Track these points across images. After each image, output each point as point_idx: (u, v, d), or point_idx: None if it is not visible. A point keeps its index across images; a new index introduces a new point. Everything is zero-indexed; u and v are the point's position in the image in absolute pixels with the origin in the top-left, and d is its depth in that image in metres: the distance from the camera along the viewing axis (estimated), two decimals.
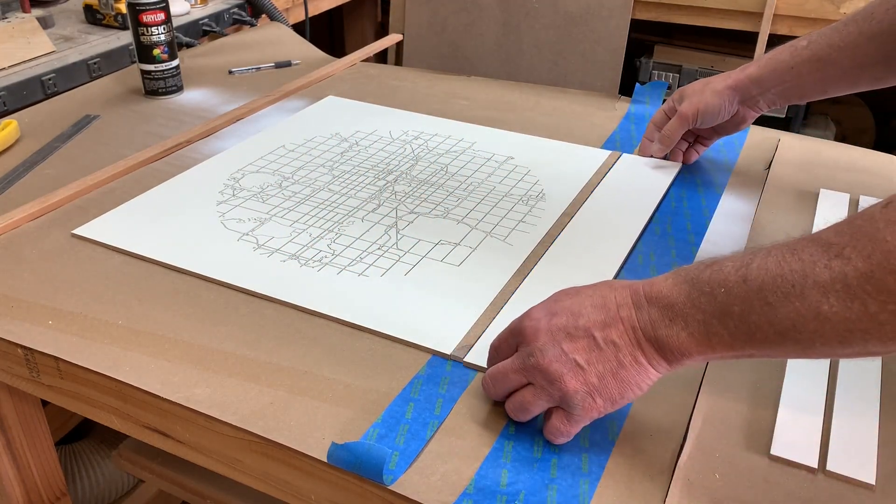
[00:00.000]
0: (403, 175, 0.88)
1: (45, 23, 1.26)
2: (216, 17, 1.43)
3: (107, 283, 0.69)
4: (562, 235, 0.76)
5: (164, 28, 1.05)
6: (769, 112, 0.88)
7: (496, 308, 0.65)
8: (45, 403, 0.76)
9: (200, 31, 1.40)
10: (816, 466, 0.51)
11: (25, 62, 1.13)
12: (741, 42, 1.80)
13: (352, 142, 0.96)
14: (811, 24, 1.65)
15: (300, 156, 0.92)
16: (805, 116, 1.84)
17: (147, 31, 1.04)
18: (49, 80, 1.12)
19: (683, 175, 0.89)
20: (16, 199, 0.82)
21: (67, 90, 1.13)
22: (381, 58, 2.00)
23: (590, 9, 1.79)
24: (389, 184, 0.86)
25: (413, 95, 1.12)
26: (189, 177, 0.87)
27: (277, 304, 0.66)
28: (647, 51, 1.95)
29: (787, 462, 0.52)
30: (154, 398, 0.57)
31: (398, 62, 2.03)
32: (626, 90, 1.18)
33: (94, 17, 1.31)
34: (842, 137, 1.95)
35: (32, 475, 0.78)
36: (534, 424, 0.54)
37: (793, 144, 0.96)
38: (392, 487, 0.49)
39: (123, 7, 1.26)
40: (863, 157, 0.94)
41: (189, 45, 1.34)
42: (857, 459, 0.52)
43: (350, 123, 1.01)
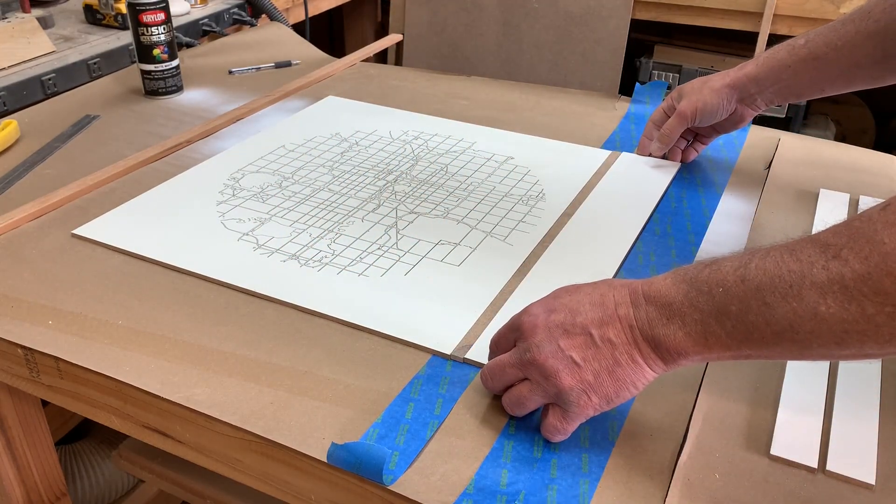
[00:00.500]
0: (403, 175, 0.88)
1: (45, 23, 1.26)
2: (216, 17, 1.43)
3: (107, 283, 0.69)
4: (561, 235, 0.76)
5: (164, 28, 1.05)
6: (769, 112, 0.88)
7: (496, 308, 0.65)
8: (45, 403, 0.76)
9: (200, 31, 1.40)
10: (816, 466, 0.51)
11: (25, 62, 1.13)
12: (741, 42, 1.80)
13: (352, 142, 0.97)
14: (811, 24, 1.65)
15: (300, 156, 0.92)
16: (805, 116, 1.84)
17: (147, 31, 1.04)
18: (49, 80, 1.12)
19: (683, 175, 0.89)
20: (16, 199, 0.82)
21: (67, 90, 1.13)
22: (381, 58, 2.00)
23: (590, 9, 1.79)
24: (389, 184, 0.86)
25: (413, 95, 1.12)
26: (189, 177, 0.87)
27: (277, 304, 0.66)
28: (647, 51, 1.95)
29: (787, 462, 0.52)
30: (154, 398, 0.57)
31: (398, 62, 2.03)
32: (626, 90, 1.18)
33: (94, 17, 1.31)
34: (842, 137, 1.95)
35: (32, 475, 0.78)
36: (533, 424, 0.54)
37: (793, 144, 0.96)
38: (392, 487, 0.49)
39: (123, 7, 1.26)
40: (863, 157, 0.94)
41: (189, 45, 1.34)
42: (857, 459, 0.52)
43: (350, 123, 1.01)
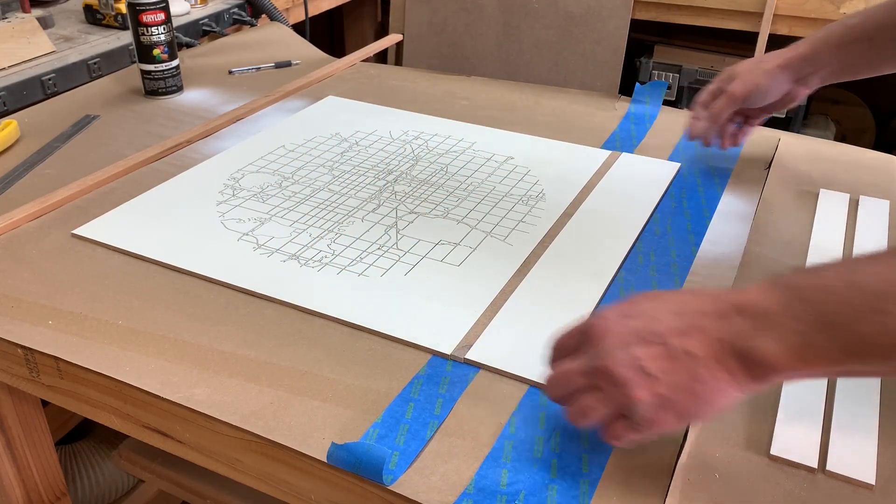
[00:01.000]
0: (403, 175, 0.88)
1: (45, 23, 1.26)
2: (216, 17, 1.43)
3: (107, 283, 0.69)
4: (561, 235, 0.76)
5: (164, 28, 1.05)
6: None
7: (496, 308, 0.65)
8: (45, 403, 0.76)
9: (200, 31, 1.40)
10: (816, 466, 0.51)
11: (25, 62, 1.13)
12: (741, 42, 1.80)
13: (352, 142, 0.96)
14: (811, 24, 1.65)
15: (300, 156, 0.92)
16: (805, 116, 1.84)
17: (147, 31, 1.04)
18: (49, 80, 1.12)
19: (683, 175, 0.89)
20: (16, 199, 0.82)
21: (67, 90, 1.13)
22: (381, 58, 2.00)
23: (590, 9, 1.79)
24: (389, 184, 0.86)
25: (413, 95, 1.12)
26: (189, 177, 0.87)
27: (277, 304, 0.66)
28: (647, 51, 1.95)
29: (787, 462, 0.52)
30: (154, 398, 0.57)
31: (398, 62, 2.03)
32: (627, 90, 1.18)
33: (94, 17, 1.31)
34: (842, 137, 1.95)
35: (32, 475, 0.78)
36: (533, 424, 0.54)
37: (793, 144, 0.96)
38: (392, 487, 0.49)
39: (123, 7, 1.26)
40: (863, 157, 0.94)
41: (189, 45, 1.34)
42: (857, 459, 0.52)
43: (350, 123, 1.01)
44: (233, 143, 0.96)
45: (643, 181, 0.87)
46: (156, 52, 1.06)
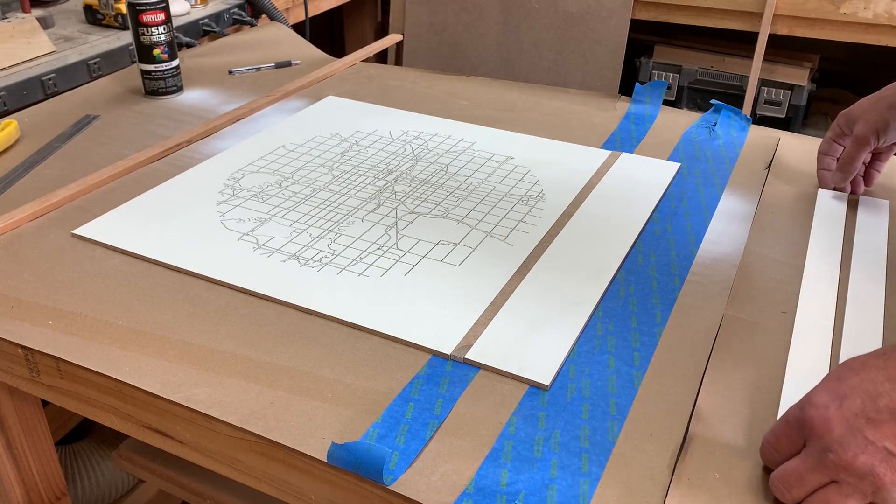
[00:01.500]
0: (403, 175, 0.88)
1: (45, 23, 1.26)
2: (216, 17, 1.43)
3: (107, 283, 0.69)
4: (561, 235, 0.76)
5: (164, 28, 1.05)
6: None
7: (496, 308, 0.65)
8: (45, 403, 0.76)
9: (200, 31, 1.40)
10: None
11: (25, 62, 1.13)
12: (741, 42, 1.80)
13: (352, 142, 0.97)
14: (811, 24, 1.65)
15: (300, 156, 0.92)
16: (805, 116, 1.84)
17: (147, 31, 1.04)
18: (49, 80, 1.12)
19: (683, 175, 0.89)
20: (16, 199, 0.82)
21: (67, 90, 1.13)
22: (381, 58, 2.00)
23: (590, 9, 1.79)
24: (389, 184, 0.86)
25: (413, 95, 1.12)
26: (189, 177, 0.87)
27: (277, 304, 0.66)
28: (647, 51, 1.95)
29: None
30: (154, 398, 0.57)
31: (398, 62, 2.03)
32: (627, 90, 1.18)
33: (94, 17, 1.31)
34: None
35: (32, 475, 0.78)
36: (533, 424, 0.54)
37: (793, 144, 0.96)
38: (392, 487, 0.49)
39: (123, 7, 1.26)
40: None
41: (189, 45, 1.34)
42: None
43: (350, 123, 1.01)
44: (233, 143, 0.96)
45: (643, 181, 0.87)
46: (156, 52, 1.06)
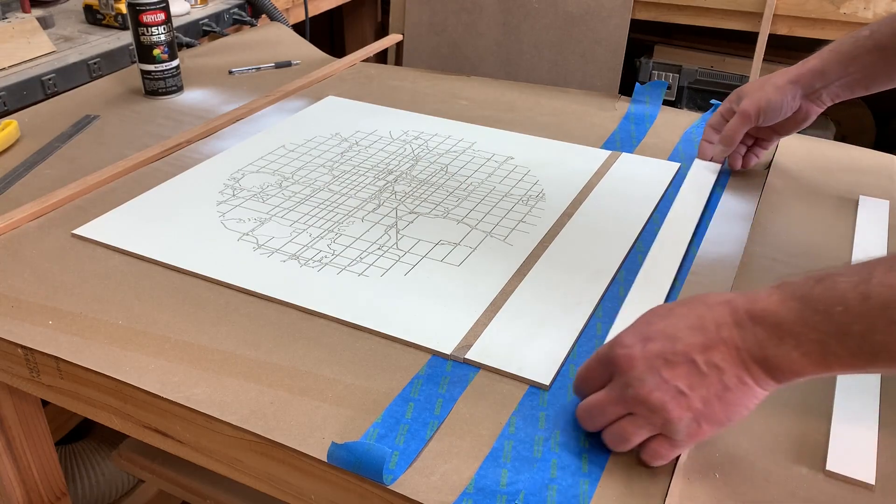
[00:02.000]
0: (403, 175, 0.88)
1: (45, 23, 1.26)
2: (216, 17, 1.43)
3: (107, 283, 0.69)
4: (561, 235, 0.76)
5: (164, 28, 1.05)
6: None
7: (496, 308, 0.65)
8: (45, 403, 0.76)
9: (200, 31, 1.40)
10: (816, 466, 0.51)
11: (25, 62, 1.13)
12: (741, 42, 1.80)
13: (352, 142, 0.97)
14: (811, 24, 1.65)
15: (300, 156, 0.92)
16: None
17: (147, 31, 1.04)
18: (49, 80, 1.12)
19: (683, 175, 0.89)
20: (16, 199, 0.82)
21: (67, 90, 1.13)
22: (381, 58, 2.00)
23: (590, 9, 1.79)
24: (389, 184, 0.86)
25: (413, 95, 1.12)
26: (189, 177, 0.87)
27: (277, 304, 0.66)
28: (647, 51, 1.95)
29: (787, 462, 0.52)
30: (154, 398, 0.57)
31: (398, 62, 2.03)
32: (627, 90, 1.18)
33: (94, 17, 1.31)
34: (842, 137, 1.95)
35: (32, 475, 0.78)
36: (533, 424, 0.54)
37: (793, 144, 0.96)
38: (392, 487, 0.49)
39: (123, 7, 1.26)
40: (863, 157, 0.94)
41: (189, 45, 1.34)
42: (857, 459, 0.52)
43: (350, 123, 1.01)
44: (233, 143, 0.96)
45: (643, 181, 0.87)
46: (156, 52, 1.06)
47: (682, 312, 0.50)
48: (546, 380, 0.58)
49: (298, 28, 1.58)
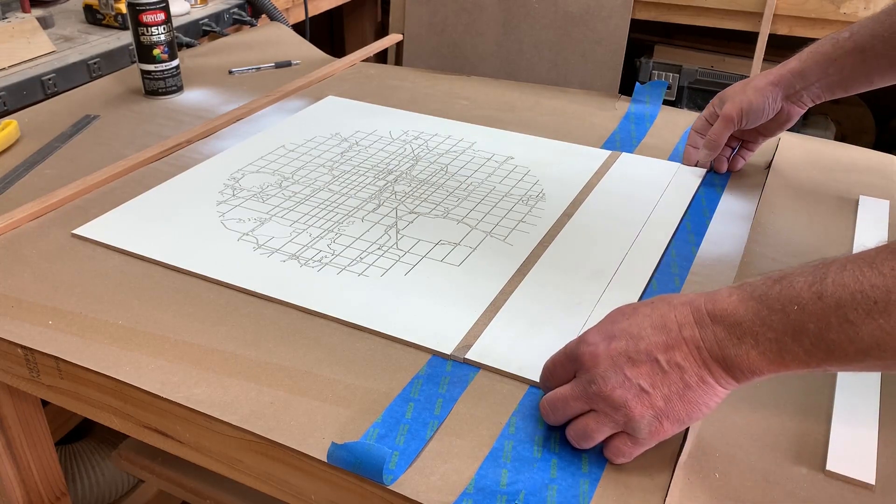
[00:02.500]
0: (403, 175, 0.88)
1: (45, 23, 1.26)
2: (216, 17, 1.43)
3: (107, 283, 0.69)
4: (561, 235, 0.76)
5: (164, 28, 1.05)
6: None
7: (496, 308, 0.65)
8: (45, 403, 0.76)
9: (200, 31, 1.40)
10: (816, 467, 0.51)
11: (25, 62, 1.13)
12: (741, 42, 1.80)
13: (352, 142, 0.97)
14: (811, 24, 1.65)
15: (300, 156, 0.92)
16: (805, 116, 1.84)
17: (147, 31, 1.04)
18: (49, 80, 1.12)
19: None
20: (16, 199, 0.82)
21: (67, 90, 1.13)
22: (381, 58, 2.00)
23: (590, 9, 1.79)
24: (389, 184, 0.86)
25: (413, 95, 1.12)
26: (189, 177, 0.87)
27: (277, 304, 0.66)
28: (647, 51, 1.95)
29: (787, 462, 0.52)
30: (154, 398, 0.57)
31: (398, 62, 2.03)
32: (627, 90, 1.18)
33: (94, 17, 1.31)
34: (842, 137, 1.95)
35: (32, 475, 0.78)
36: (533, 424, 0.54)
37: (793, 144, 0.96)
38: (392, 487, 0.49)
39: (123, 7, 1.26)
40: (863, 157, 0.94)
41: (189, 45, 1.34)
42: (857, 459, 0.52)
43: (350, 123, 1.01)
44: (233, 143, 0.96)
45: (643, 181, 0.87)
46: (156, 52, 1.06)
47: (646, 312, 0.51)
48: None
49: (298, 28, 1.58)
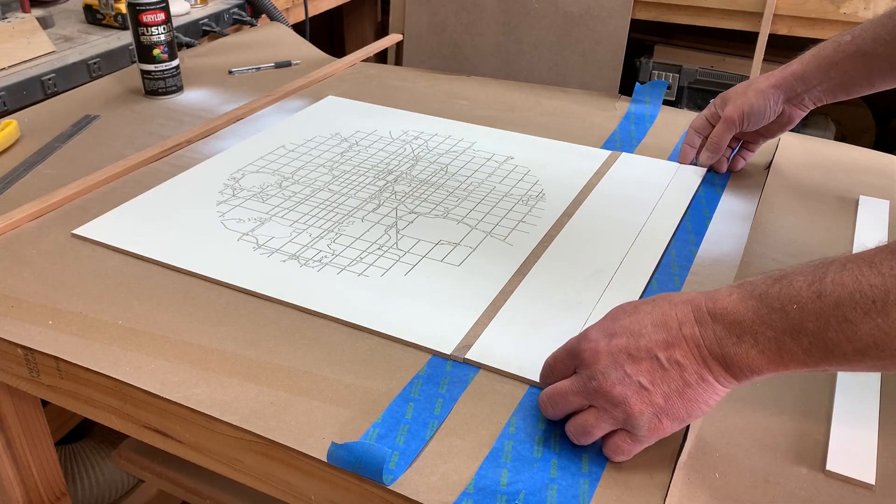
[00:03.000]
0: (403, 175, 0.88)
1: (45, 23, 1.26)
2: (216, 17, 1.43)
3: (107, 283, 0.69)
4: (561, 235, 0.76)
5: (164, 28, 1.05)
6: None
7: (496, 308, 0.65)
8: (45, 403, 0.76)
9: (200, 31, 1.40)
10: (816, 467, 0.51)
11: (25, 62, 1.13)
12: (741, 42, 1.80)
13: (352, 142, 0.97)
14: (811, 24, 1.65)
15: (300, 156, 0.92)
16: (805, 116, 1.84)
17: (147, 31, 1.04)
18: (49, 80, 1.12)
19: None
20: (16, 199, 0.82)
21: (67, 90, 1.13)
22: (381, 58, 2.00)
23: (590, 9, 1.79)
24: (389, 184, 0.86)
25: (413, 95, 1.12)
26: (189, 177, 0.87)
27: (277, 304, 0.66)
28: (647, 51, 1.95)
29: (788, 462, 0.52)
30: (154, 398, 0.57)
31: (398, 62, 2.03)
32: (627, 90, 1.18)
33: (94, 17, 1.31)
34: (842, 137, 1.95)
35: (32, 475, 0.78)
36: (533, 424, 0.54)
37: (793, 144, 0.96)
38: (392, 487, 0.49)
39: (123, 7, 1.26)
40: (863, 157, 0.94)
41: (189, 45, 1.34)
42: (857, 459, 0.52)
43: (350, 123, 1.01)
44: (233, 143, 0.96)
45: (643, 181, 0.87)
46: (156, 52, 1.06)
47: (647, 310, 0.51)
48: None
49: (298, 28, 1.58)
